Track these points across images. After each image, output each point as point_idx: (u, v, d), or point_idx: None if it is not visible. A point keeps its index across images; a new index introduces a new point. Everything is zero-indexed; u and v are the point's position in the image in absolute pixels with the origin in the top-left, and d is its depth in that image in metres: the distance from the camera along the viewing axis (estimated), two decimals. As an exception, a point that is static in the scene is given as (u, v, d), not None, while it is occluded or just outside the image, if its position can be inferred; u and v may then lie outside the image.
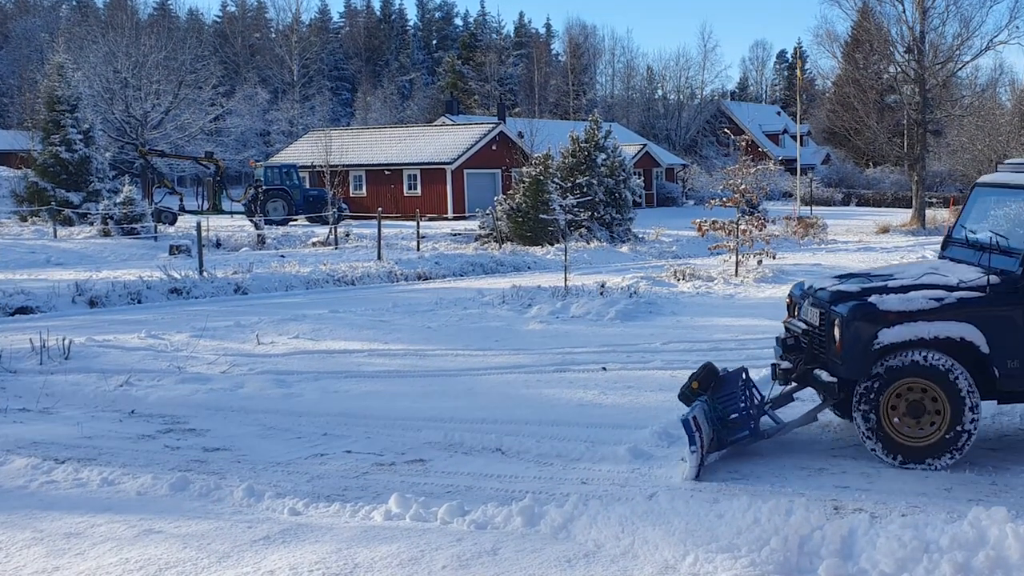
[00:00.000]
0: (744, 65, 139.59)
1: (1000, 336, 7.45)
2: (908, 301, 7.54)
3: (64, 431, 9.09)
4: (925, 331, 7.43)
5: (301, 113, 72.96)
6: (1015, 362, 7.49)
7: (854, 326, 7.53)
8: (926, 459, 7.42)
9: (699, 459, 7.25)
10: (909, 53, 43.13)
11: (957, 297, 7.55)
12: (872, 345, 7.45)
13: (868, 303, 7.64)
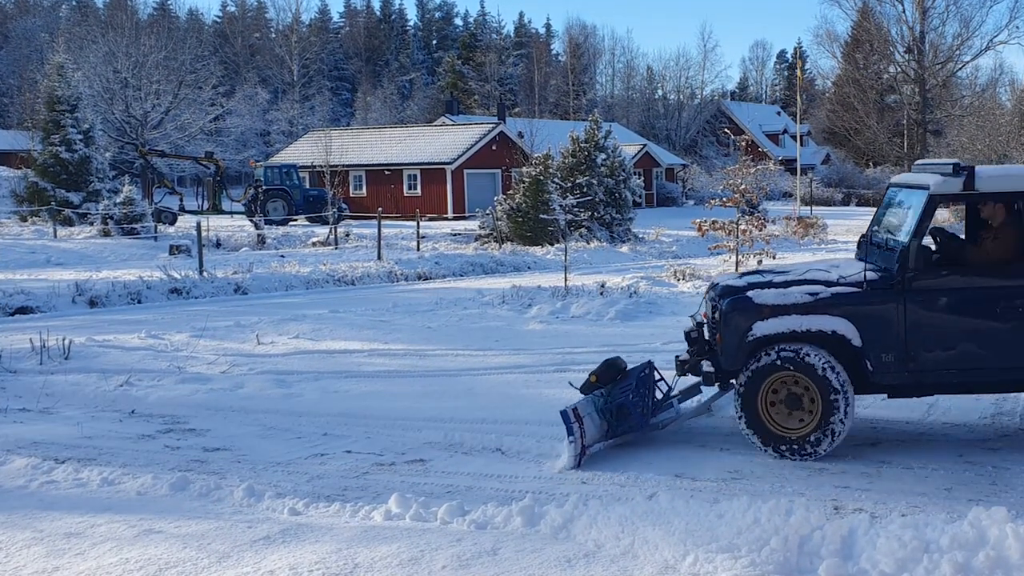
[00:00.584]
0: (744, 65, 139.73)
1: (874, 331, 7.65)
2: (783, 296, 7.81)
3: (64, 431, 9.09)
4: (798, 325, 7.68)
5: (301, 113, 72.97)
6: (890, 356, 7.67)
7: (731, 318, 7.85)
8: (800, 450, 7.66)
9: (578, 448, 7.58)
10: (909, 53, 43.20)
11: (832, 293, 7.78)
12: (747, 337, 7.74)
13: (745, 297, 7.93)
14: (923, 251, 7.78)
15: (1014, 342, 7.58)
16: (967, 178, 7.72)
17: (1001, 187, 7.88)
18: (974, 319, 7.64)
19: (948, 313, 7.66)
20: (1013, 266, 7.73)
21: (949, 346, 7.66)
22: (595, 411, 8.04)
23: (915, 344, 7.64)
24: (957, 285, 7.69)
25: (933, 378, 7.81)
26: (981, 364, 7.69)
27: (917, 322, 7.63)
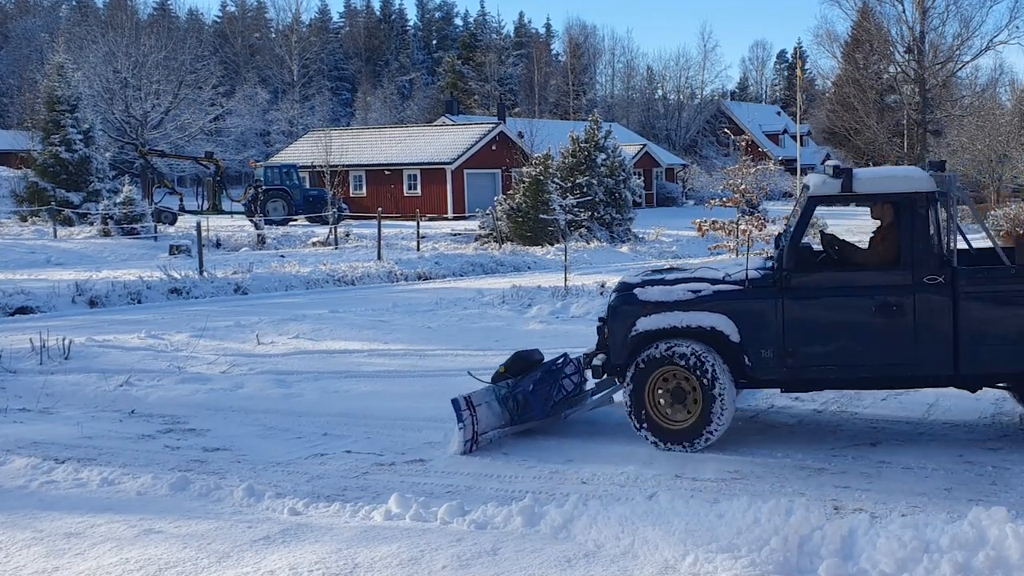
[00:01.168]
0: (744, 65, 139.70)
1: (753, 328, 7.94)
2: (668, 293, 8.17)
3: (64, 431, 9.09)
4: (679, 321, 8.04)
5: (301, 113, 72.96)
6: (769, 352, 7.93)
7: (617, 314, 8.28)
8: (683, 441, 7.96)
9: (468, 435, 8.01)
10: (909, 53, 43.19)
11: (714, 290, 8.10)
12: (631, 332, 8.13)
13: (631, 294, 8.32)
14: (802, 251, 8.06)
15: (888, 340, 7.76)
16: (845, 180, 7.95)
17: (876, 189, 8.13)
18: (850, 317, 7.84)
19: (825, 311, 7.88)
20: (887, 265, 7.97)
21: (826, 343, 7.88)
22: (496, 400, 8.42)
23: (793, 341, 7.88)
24: (834, 284, 7.94)
25: (811, 373, 8.03)
26: (858, 361, 7.89)
27: (795, 319, 7.88)
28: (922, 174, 8.12)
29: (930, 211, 7.89)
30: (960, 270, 7.80)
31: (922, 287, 7.72)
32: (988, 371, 7.86)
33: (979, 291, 7.70)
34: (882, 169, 8.60)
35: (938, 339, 7.71)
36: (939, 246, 7.93)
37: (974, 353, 7.72)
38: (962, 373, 7.83)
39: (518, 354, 8.90)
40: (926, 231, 7.82)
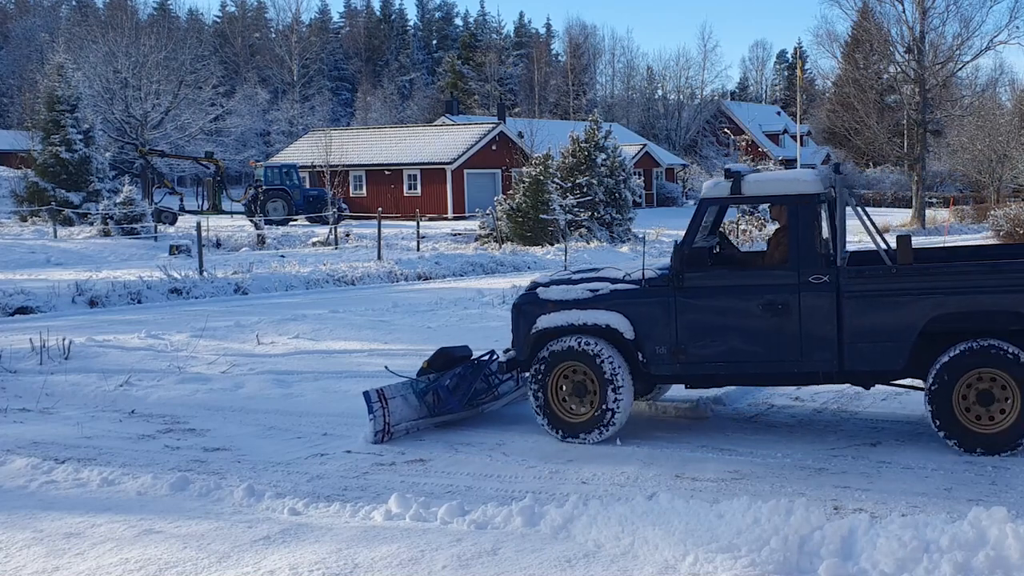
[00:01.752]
0: (744, 65, 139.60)
1: (647, 325, 8.26)
2: (567, 292, 8.54)
3: (64, 431, 9.09)
4: (576, 319, 8.38)
5: (301, 113, 72.97)
6: (663, 349, 8.26)
7: (520, 312, 8.70)
8: (582, 434, 8.30)
9: (379, 425, 8.43)
10: (909, 53, 43.15)
11: (611, 289, 8.44)
12: (532, 329, 8.50)
13: (534, 293, 8.75)
14: (695, 251, 8.28)
15: (776, 337, 8.02)
16: (734, 183, 8.23)
17: (763, 191, 8.47)
18: (740, 315, 8.10)
19: (716, 310, 8.17)
20: (772, 266, 8.31)
21: (717, 341, 8.18)
22: (414, 393, 8.81)
23: (685, 338, 8.21)
24: (724, 283, 8.21)
25: (703, 370, 8.34)
26: (747, 358, 8.17)
27: (686, 318, 8.21)
28: (808, 177, 8.43)
29: (816, 213, 8.15)
30: (844, 269, 8.01)
31: (808, 286, 7.95)
32: (871, 368, 8.06)
33: (862, 290, 7.92)
34: (772, 173, 8.85)
35: (823, 337, 7.94)
36: (825, 246, 8.16)
37: (857, 350, 7.94)
38: (846, 370, 8.06)
39: (442, 350, 9.31)
40: (811, 232, 8.06)
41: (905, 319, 7.82)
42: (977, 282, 7.80)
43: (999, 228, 27.45)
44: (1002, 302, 7.70)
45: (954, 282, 7.84)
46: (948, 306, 7.77)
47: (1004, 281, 7.75)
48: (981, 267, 8.13)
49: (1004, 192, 49.21)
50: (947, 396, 7.70)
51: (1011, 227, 26.69)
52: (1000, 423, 7.64)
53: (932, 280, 7.88)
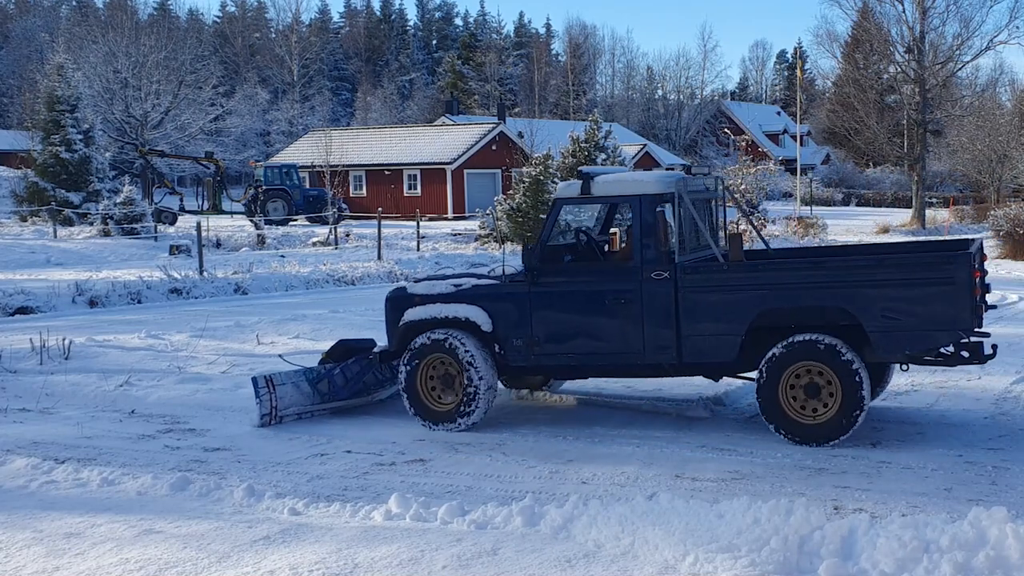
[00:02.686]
0: (744, 65, 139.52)
1: (504, 319, 8.74)
2: (432, 287, 9.13)
3: (64, 431, 9.09)
4: (439, 312, 8.90)
5: (301, 113, 72.95)
6: (519, 342, 8.73)
7: (389, 306, 9.28)
8: (447, 422, 8.76)
9: (266, 409, 9.04)
10: (909, 53, 43.12)
11: (472, 285, 9.00)
12: (400, 322, 9.02)
13: (403, 287, 9.46)
14: (549, 248, 8.79)
15: (621, 331, 8.44)
16: (584, 184, 8.64)
17: (610, 191, 8.83)
18: (588, 310, 8.54)
19: (567, 304, 8.60)
20: (618, 263, 8.75)
21: (567, 334, 8.62)
22: (306, 381, 9.41)
23: (539, 331, 8.67)
24: (575, 279, 8.69)
25: (555, 361, 8.80)
26: (595, 350, 8.61)
27: (540, 312, 8.66)
28: (653, 178, 8.85)
29: (657, 213, 8.47)
30: (682, 266, 8.37)
31: (649, 282, 8.37)
32: (706, 360, 8.47)
33: (697, 286, 8.32)
34: (621, 174, 9.21)
35: (663, 331, 8.36)
36: (667, 244, 8.46)
37: (694, 344, 8.35)
38: (685, 362, 8.47)
39: (341, 342, 10.00)
40: (653, 230, 8.41)
41: (736, 314, 8.21)
42: (801, 279, 8.21)
43: (999, 228, 27.41)
44: (824, 298, 8.04)
45: (780, 279, 8.27)
46: (775, 302, 8.15)
47: (825, 278, 8.13)
48: (804, 264, 8.74)
49: (1004, 192, 49.18)
50: (774, 388, 8.07)
51: (1011, 227, 26.65)
52: (824, 414, 7.97)
53: (759, 277, 8.30)
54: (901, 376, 10.65)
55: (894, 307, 7.84)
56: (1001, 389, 9.91)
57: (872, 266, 8.28)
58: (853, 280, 8.01)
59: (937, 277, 7.82)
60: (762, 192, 31.62)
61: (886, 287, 7.89)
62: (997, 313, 15.67)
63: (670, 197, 8.56)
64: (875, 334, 7.90)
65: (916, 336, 7.89)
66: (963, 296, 7.73)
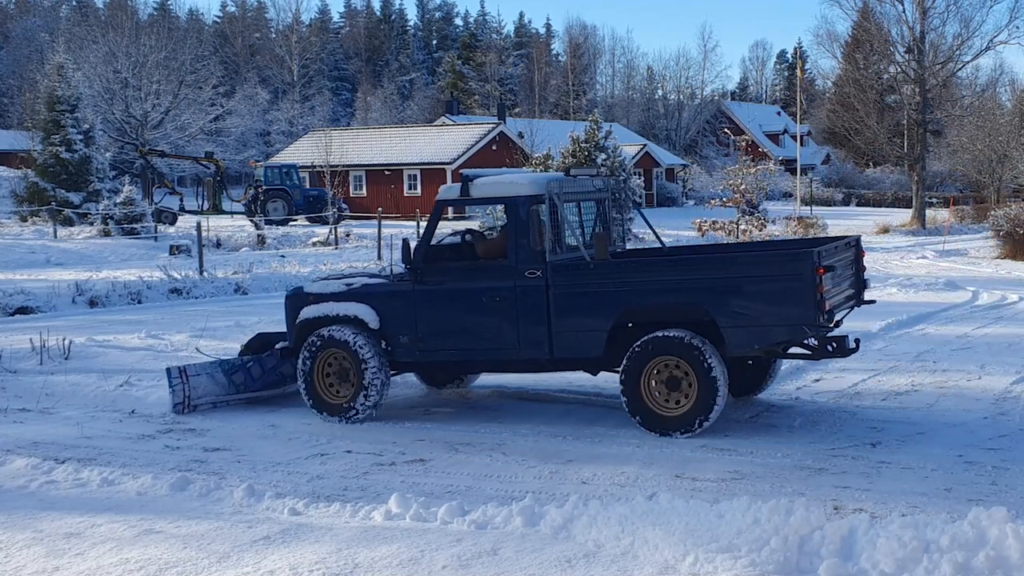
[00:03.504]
0: (744, 65, 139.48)
1: (391, 316, 9.15)
2: (326, 286, 9.57)
3: (64, 431, 9.10)
4: (331, 310, 9.33)
5: (301, 113, 72.93)
6: (405, 338, 9.13)
7: (289, 304, 9.71)
8: (341, 414, 9.17)
9: (179, 398, 9.63)
10: (909, 53, 43.13)
11: (362, 283, 9.46)
12: (297, 320, 9.48)
13: (300, 287, 9.96)
14: (433, 248, 9.21)
15: (498, 328, 8.80)
16: (463, 186, 9.03)
17: (487, 193, 9.26)
18: (467, 307, 8.90)
19: (447, 302, 8.98)
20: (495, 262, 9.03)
21: (449, 330, 9.01)
22: (221, 372, 9.91)
23: (423, 328, 9.06)
24: (455, 278, 9.03)
25: (438, 357, 9.24)
26: (474, 346, 9.00)
27: (423, 310, 9.05)
28: (526, 179, 9.10)
29: (531, 214, 8.74)
30: (552, 265, 8.66)
31: (523, 280, 8.71)
32: (575, 356, 8.79)
33: (565, 284, 8.65)
34: (497, 177, 9.49)
35: (535, 327, 8.70)
36: (541, 244, 8.71)
37: (564, 340, 8.67)
38: (557, 357, 8.78)
39: (259, 335, 10.52)
40: (527, 231, 8.73)
41: (601, 311, 8.56)
42: (659, 278, 8.61)
43: (999, 228, 27.41)
44: (681, 296, 8.41)
45: (640, 278, 8.62)
46: (636, 300, 8.52)
47: (681, 277, 8.56)
48: (662, 264, 9.16)
49: (1004, 192, 49.17)
50: (636, 381, 8.37)
51: (1011, 227, 26.65)
52: (683, 406, 8.32)
53: (622, 276, 8.65)
54: (901, 376, 10.68)
55: (744, 304, 8.20)
56: (1001, 389, 9.90)
57: (723, 265, 8.73)
58: (706, 278, 8.41)
59: (781, 275, 8.17)
60: (762, 192, 31.60)
61: (736, 285, 8.25)
62: (997, 313, 15.69)
63: (543, 198, 8.83)
64: (727, 330, 8.24)
65: (764, 331, 8.24)
66: (806, 293, 8.01)
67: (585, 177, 9.55)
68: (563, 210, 8.97)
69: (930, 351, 12.14)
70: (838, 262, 8.57)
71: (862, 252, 9.40)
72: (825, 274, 8.09)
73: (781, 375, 10.77)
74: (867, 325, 13.89)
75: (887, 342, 12.92)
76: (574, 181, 9.35)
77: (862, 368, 11.10)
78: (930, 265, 25.14)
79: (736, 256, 9.18)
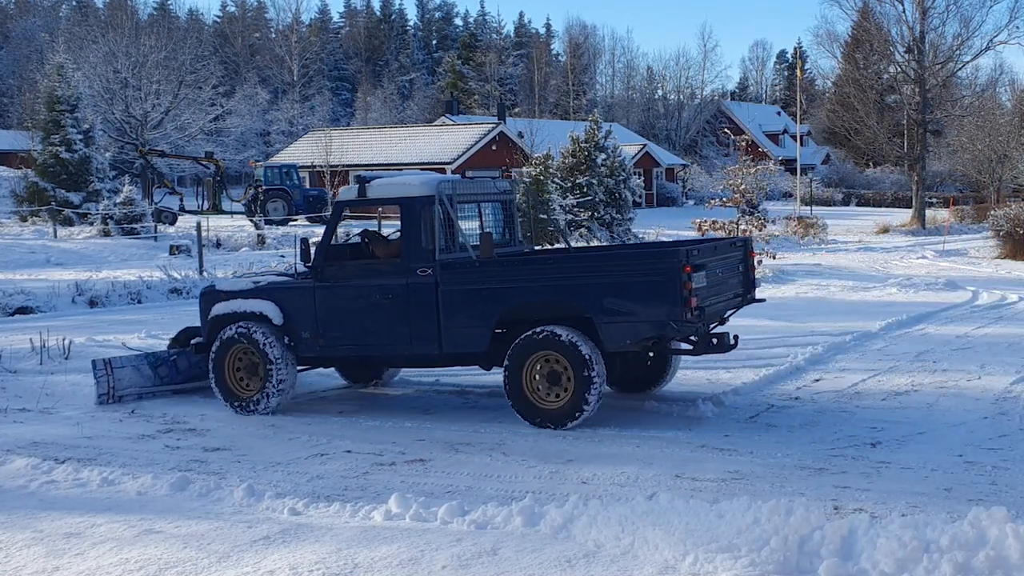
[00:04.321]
0: (744, 65, 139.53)
1: (293, 313, 9.52)
2: (236, 283, 10.04)
3: (64, 431, 9.10)
4: (239, 307, 9.74)
5: (301, 113, 72.91)
6: (307, 334, 9.51)
7: (201, 301, 10.16)
8: (248, 406, 9.59)
9: (103, 389, 10.05)
10: (909, 53, 43.13)
11: (268, 281, 9.92)
12: (209, 316, 9.92)
13: (212, 284, 10.49)
14: (333, 247, 9.65)
15: (393, 324, 9.14)
16: (360, 188, 9.42)
17: (382, 194, 9.63)
18: (364, 305, 9.24)
19: (345, 299, 9.32)
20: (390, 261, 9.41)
21: (347, 326, 9.36)
22: (147, 365, 10.41)
23: (323, 325, 9.43)
24: (353, 276, 9.37)
25: (337, 352, 9.64)
26: (371, 341, 9.35)
27: (323, 307, 9.41)
28: (419, 181, 9.48)
29: (422, 214, 9.13)
30: (441, 264, 9.02)
31: (415, 278, 9.08)
32: (463, 351, 9.14)
33: (453, 282, 9.00)
34: (391, 179, 9.96)
35: (426, 323, 9.06)
36: (431, 243, 9.08)
37: (452, 335, 9.03)
38: (446, 352, 9.15)
39: (185, 329, 10.84)
40: (418, 230, 9.13)
41: (486, 308, 8.92)
42: (538, 276, 8.96)
43: (999, 228, 27.42)
44: (558, 294, 8.74)
45: (521, 276, 8.96)
46: (517, 297, 8.85)
47: (558, 275, 8.89)
48: (541, 263, 9.52)
49: (1004, 192, 49.17)
50: (518, 375, 8.74)
51: (1011, 227, 26.66)
52: (561, 400, 8.69)
53: (504, 274, 8.98)
54: (901, 376, 10.68)
55: (616, 301, 8.54)
56: (1001, 389, 9.91)
57: (597, 264, 9.12)
58: (580, 277, 8.76)
59: (649, 274, 8.53)
60: (762, 192, 31.56)
61: (609, 283, 8.60)
62: (997, 313, 15.69)
63: (433, 200, 9.15)
64: (601, 326, 8.59)
65: (635, 327, 8.58)
66: (672, 291, 8.36)
67: (486, 179, 9.94)
68: (455, 211, 9.30)
69: (930, 351, 12.14)
70: (714, 261, 8.94)
71: (751, 252, 9.86)
72: (694, 273, 8.42)
73: (781, 375, 10.80)
74: (867, 325, 13.90)
75: (887, 342, 12.93)
76: (471, 183, 9.78)
77: (862, 368, 11.11)
78: (930, 265, 25.15)
79: (609, 256, 9.67)
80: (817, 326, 13.98)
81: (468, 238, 9.42)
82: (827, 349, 12.19)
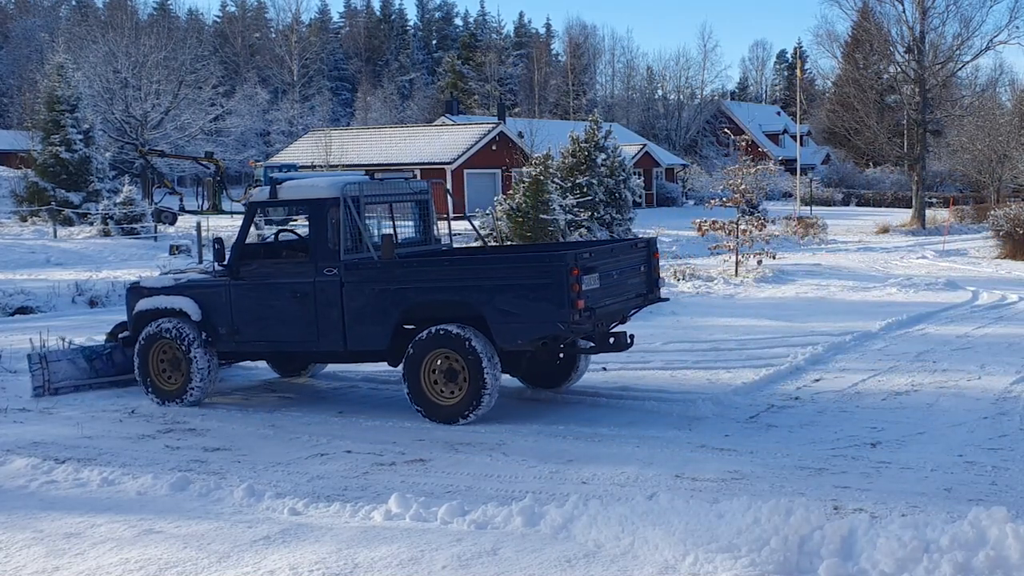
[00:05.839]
0: (744, 65, 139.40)
1: (211, 310, 9.84)
2: (159, 281, 10.38)
3: (64, 431, 9.10)
4: (160, 303, 10.09)
5: (301, 113, 72.88)
6: (224, 330, 9.81)
7: (127, 297, 10.59)
8: (174, 399, 9.93)
9: (39, 382, 10.45)
10: (909, 53, 43.12)
11: (188, 278, 10.20)
12: (133, 312, 10.27)
13: (137, 281, 10.94)
14: (247, 247, 9.93)
15: (301, 321, 9.40)
16: (272, 189, 9.73)
17: (292, 196, 9.81)
18: (275, 302, 9.52)
19: (258, 297, 9.60)
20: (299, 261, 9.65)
21: (259, 323, 9.64)
22: (83, 358, 10.81)
23: (238, 321, 9.73)
24: (265, 275, 9.63)
25: (252, 348, 10.01)
26: (282, 338, 9.64)
27: (238, 305, 9.71)
28: (325, 183, 9.70)
29: (328, 215, 9.34)
30: (346, 263, 9.24)
31: (322, 277, 9.34)
32: (365, 348, 9.35)
33: (355, 282, 9.22)
34: (301, 180, 10.25)
35: (332, 321, 9.30)
36: (336, 243, 9.30)
37: (356, 333, 9.27)
38: (350, 349, 9.40)
39: (121, 323, 10.98)
40: (324, 231, 9.37)
41: (387, 307, 9.15)
42: (434, 277, 9.20)
43: (999, 228, 27.42)
44: (453, 294, 8.99)
45: (418, 277, 9.19)
46: (415, 297, 9.11)
47: (453, 276, 9.15)
48: (437, 264, 9.67)
49: (1004, 192, 49.15)
50: (416, 372, 8.97)
51: (1011, 227, 26.65)
52: (457, 396, 8.93)
53: (403, 275, 9.19)
54: (901, 376, 10.69)
55: (507, 301, 8.79)
56: (1001, 389, 9.91)
57: (489, 266, 9.44)
58: (474, 278, 9.05)
59: (538, 275, 8.76)
60: (762, 192, 31.61)
61: (500, 284, 8.85)
62: (997, 313, 15.69)
63: (338, 201, 9.35)
64: (494, 325, 8.83)
65: (526, 327, 8.79)
66: (560, 292, 8.57)
67: (398, 179, 10.23)
68: (361, 212, 9.48)
69: (930, 351, 12.14)
70: (609, 264, 9.11)
71: (655, 253, 10.06)
72: (584, 275, 8.59)
73: (781, 375, 10.80)
74: (867, 325, 13.90)
75: (887, 342, 12.93)
76: (381, 183, 9.96)
77: (862, 368, 11.11)
78: (930, 265, 25.15)
79: (501, 258, 10.03)
80: (817, 326, 13.98)
81: (374, 239, 9.61)
82: (827, 349, 12.19)
